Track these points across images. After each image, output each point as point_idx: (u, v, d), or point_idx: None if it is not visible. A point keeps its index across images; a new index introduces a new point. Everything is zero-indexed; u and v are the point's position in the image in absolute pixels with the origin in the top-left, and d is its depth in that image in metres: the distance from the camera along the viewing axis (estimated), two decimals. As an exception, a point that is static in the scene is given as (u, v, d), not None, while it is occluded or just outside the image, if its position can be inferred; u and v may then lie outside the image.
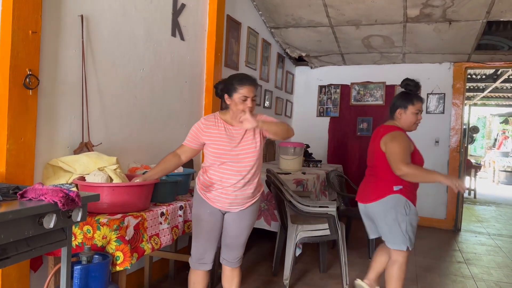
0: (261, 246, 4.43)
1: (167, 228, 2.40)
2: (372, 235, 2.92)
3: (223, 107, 2.47)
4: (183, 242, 3.66)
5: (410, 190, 2.64)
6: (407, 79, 2.73)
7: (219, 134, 2.26)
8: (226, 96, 2.27)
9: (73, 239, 2.03)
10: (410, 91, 2.71)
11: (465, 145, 6.11)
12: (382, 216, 2.64)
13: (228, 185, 2.26)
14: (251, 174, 2.29)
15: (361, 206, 2.85)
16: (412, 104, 2.66)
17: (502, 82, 8.43)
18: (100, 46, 2.61)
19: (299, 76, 6.84)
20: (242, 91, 2.19)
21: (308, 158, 5.37)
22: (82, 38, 2.44)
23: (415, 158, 2.64)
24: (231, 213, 2.35)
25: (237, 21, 4.48)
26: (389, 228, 2.63)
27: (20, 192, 1.48)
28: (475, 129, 10.17)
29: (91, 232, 2.02)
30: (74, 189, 2.07)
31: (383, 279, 2.86)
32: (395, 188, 2.59)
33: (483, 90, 9.46)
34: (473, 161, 9.89)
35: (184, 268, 3.58)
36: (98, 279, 1.85)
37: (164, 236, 2.36)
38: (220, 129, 2.28)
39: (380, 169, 2.67)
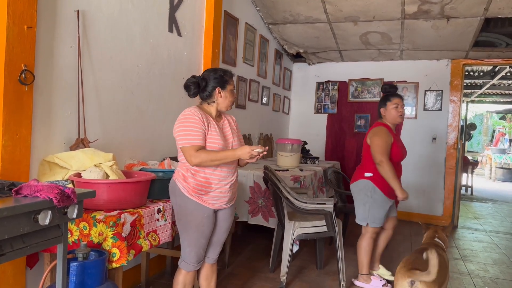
0: (259, 243, 4.43)
1: (165, 224, 2.39)
2: None
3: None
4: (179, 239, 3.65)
5: (381, 179, 3.14)
6: (384, 84, 3.38)
7: (212, 130, 2.22)
8: (218, 89, 2.26)
9: (69, 235, 2.02)
10: (388, 93, 3.28)
11: (463, 142, 6.13)
12: (355, 194, 3.31)
13: (225, 183, 2.25)
14: (236, 167, 2.37)
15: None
16: (389, 101, 3.21)
17: (499, 79, 8.44)
18: (96, 41, 2.59)
19: (296, 72, 6.83)
20: (232, 82, 2.32)
21: (305, 155, 5.37)
22: (78, 33, 2.42)
23: (393, 150, 3.16)
24: (224, 209, 2.34)
25: (234, 17, 4.46)
26: (357, 206, 3.30)
27: (15, 188, 1.47)
28: (473, 126, 10.19)
29: (87, 228, 2.01)
30: (70, 185, 2.06)
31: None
32: (366, 174, 3.20)
33: (480, 87, 9.48)
34: (470, 157, 9.91)
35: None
36: (94, 276, 1.84)
37: (163, 232, 2.36)
38: (211, 125, 2.23)
39: (364, 159, 3.29)
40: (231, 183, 2.29)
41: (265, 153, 2.11)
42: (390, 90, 3.28)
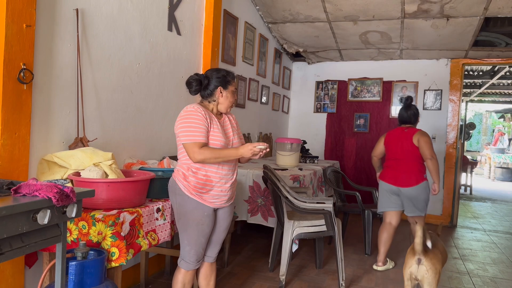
0: (258, 242, 4.43)
1: (165, 223, 2.39)
2: (389, 209, 3.84)
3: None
4: (179, 238, 3.65)
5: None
6: (410, 98, 3.83)
7: (214, 128, 2.23)
8: (220, 89, 2.28)
9: (68, 235, 2.02)
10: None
11: (462, 141, 6.13)
12: (419, 195, 3.63)
13: (225, 181, 2.26)
14: (236, 165, 2.38)
15: (393, 188, 3.73)
16: None
17: (499, 78, 8.45)
18: (95, 40, 2.59)
19: (296, 71, 6.83)
20: (235, 84, 2.36)
21: (305, 154, 5.37)
22: (77, 32, 2.41)
23: None
24: (224, 208, 2.35)
25: (234, 16, 4.45)
26: (422, 204, 3.67)
27: (14, 187, 1.46)
28: (472, 126, 10.18)
29: (87, 228, 2.01)
30: (69, 184, 2.06)
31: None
32: (424, 176, 3.67)
33: (480, 86, 9.47)
34: (469, 157, 9.91)
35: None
36: (93, 275, 1.84)
37: (162, 232, 2.35)
38: (214, 122, 2.24)
39: (411, 161, 3.64)
40: (231, 181, 2.30)
41: (267, 150, 2.14)
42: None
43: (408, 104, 3.78)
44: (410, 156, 3.63)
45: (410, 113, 3.75)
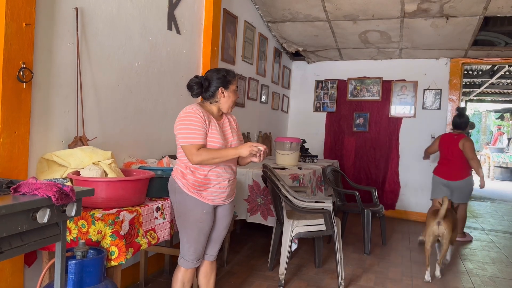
0: (257, 241, 4.44)
1: (164, 222, 2.39)
2: (439, 197, 4.42)
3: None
4: (178, 237, 3.64)
5: None
6: (465, 109, 4.78)
7: (212, 129, 2.24)
8: (221, 89, 2.28)
9: (67, 233, 2.02)
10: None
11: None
12: (465, 187, 4.60)
13: (223, 179, 2.27)
14: (235, 164, 2.38)
15: (444, 181, 4.66)
16: None
17: (498, 78, 8.45)
18: (95, 39, 2.58)
19: (296, 71, 6.83)
20: (235, 82, 2.34)
21: (304, 153, 5.37)
22: (77, 30, 2.41)
23: None
24: (223, 206, 2.36)
25: (233, 15, 4.45)
26: (466, 194, 4.64)
27: (13, 186, 1.46)
28: (471, 125, 10.19)
29: (86, 227, 2.01)
30: (69, 183, 2.06)
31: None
32: (470, 172, 4.61)
33: (479, 86, 9.48)
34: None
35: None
36: (93, 274, 1.84)
37: (161, 230, 2.36)
38: (212, 123, 2.25)
39: (459, 161, 4.56)
40: (229, 179, 2.31)
41: (266, 151, 2.14)
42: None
43: (462, 113, 4.66)
44: (458, 157, 4.55)
45: (462, 120, 4.63)
